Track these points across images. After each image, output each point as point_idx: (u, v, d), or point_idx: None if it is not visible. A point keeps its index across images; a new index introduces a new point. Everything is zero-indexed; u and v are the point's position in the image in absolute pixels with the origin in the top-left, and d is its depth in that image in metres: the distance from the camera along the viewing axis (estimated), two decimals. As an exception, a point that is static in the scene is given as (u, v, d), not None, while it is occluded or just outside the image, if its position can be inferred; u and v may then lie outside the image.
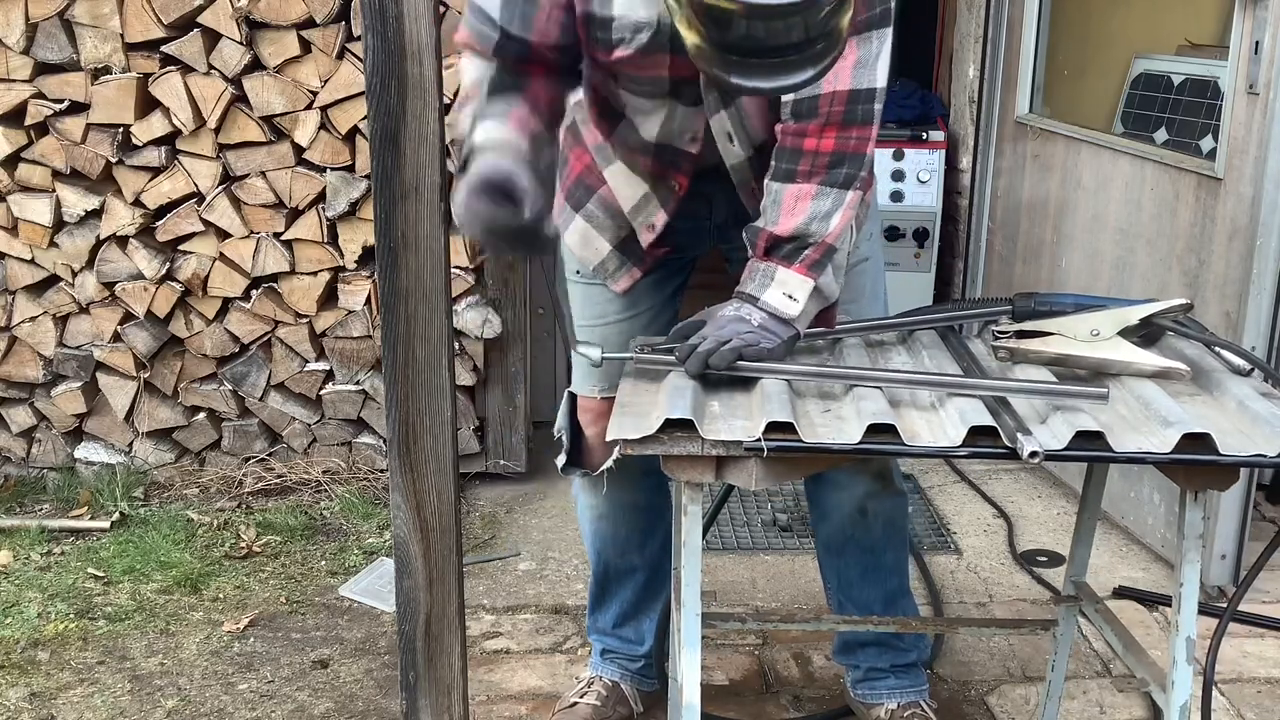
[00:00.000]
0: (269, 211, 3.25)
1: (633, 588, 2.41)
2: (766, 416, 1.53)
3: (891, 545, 2.33)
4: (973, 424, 1.52)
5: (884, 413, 1.55)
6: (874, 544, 2.30)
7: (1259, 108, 2.64)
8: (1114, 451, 1.50)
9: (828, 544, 2.35)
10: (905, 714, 2.34)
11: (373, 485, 3.39)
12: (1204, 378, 1.74)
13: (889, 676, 2.38)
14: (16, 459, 3.45)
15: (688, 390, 1.61)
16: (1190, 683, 1.70)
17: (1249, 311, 2.71)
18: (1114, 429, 1.53)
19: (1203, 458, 1.50)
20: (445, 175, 1.52)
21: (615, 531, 2.36)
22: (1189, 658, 1.68)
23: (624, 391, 1.69)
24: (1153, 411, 1.58)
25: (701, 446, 1.53)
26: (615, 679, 2.46)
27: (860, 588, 2.34)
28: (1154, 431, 1.53)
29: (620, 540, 2.37)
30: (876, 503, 2.25)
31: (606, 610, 2.46)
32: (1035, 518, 3.38)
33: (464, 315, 3.29)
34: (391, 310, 1.51)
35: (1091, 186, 3.31)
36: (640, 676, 2.47)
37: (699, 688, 1.70)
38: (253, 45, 3.14)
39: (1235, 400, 1.64)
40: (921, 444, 1.52)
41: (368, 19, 1.42)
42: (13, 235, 3.25)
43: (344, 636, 2.74)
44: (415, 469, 1.57)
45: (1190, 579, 1.65)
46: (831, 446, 1.52)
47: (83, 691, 2.52)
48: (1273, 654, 2.71)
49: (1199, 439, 1.50)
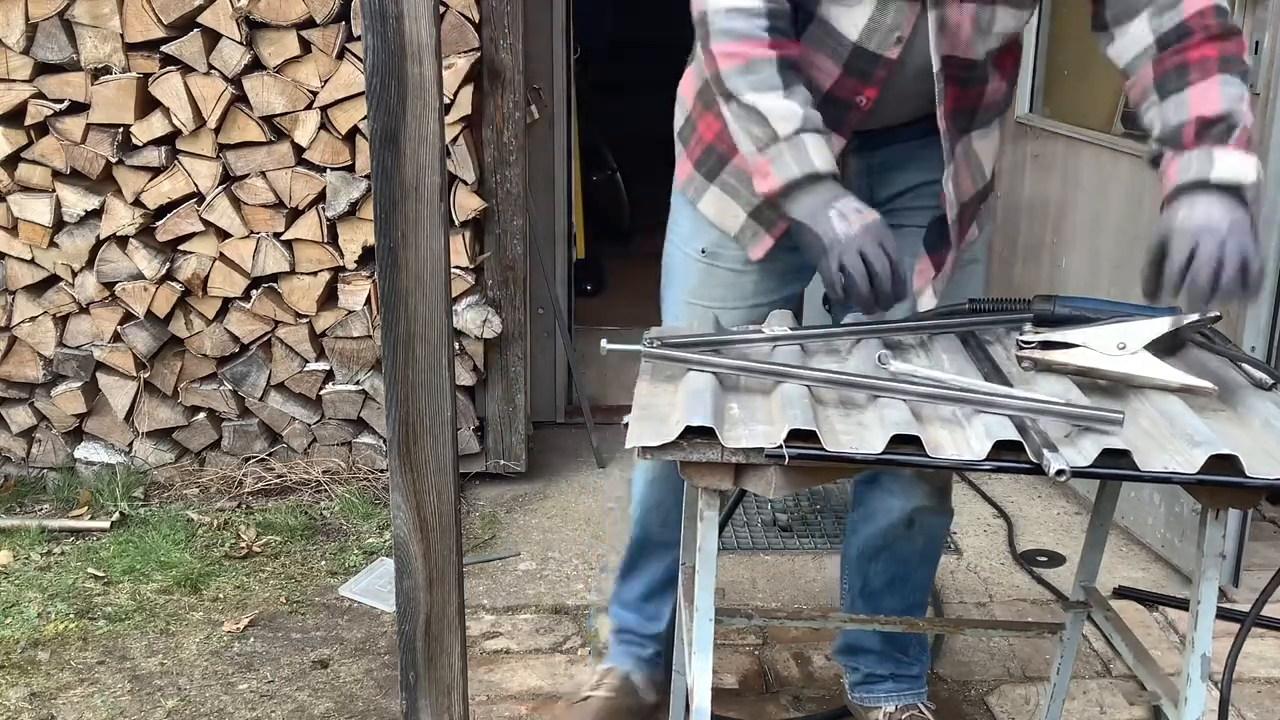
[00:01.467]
0: (269, 211, 3.25)
1: (666, 563, 2.36)
2: (789, 423, 1.49)
3: (925, 561, 2.32)
4: (998, 438, 1.48)
5: (908, 423, 1.51)
6: (909, 556, 2.28)
7: (1259, 108, 2.64)
8: (1140, 471, 1.47)
9: (863, 546, 2.31)
10: (903, 716, 2.34)
11: (373, 485, 3.40)
12: (1227, 394, 1.69)
13: (888, 680, 2.37)
14: (16, 459, 3.45)
15: (707, 393, 1.58)
16: (1203, 700, 1.66)
17: (1249, 312, 2.71)
18: (1140, 447, 1.49)
19: (1229, 479, 1.46)
20: (445, 175, 1.52)
21: (662, 500, 2.30)
22: (1204, 674, 1.65)
23: (641, 392, 1.66)
24: (1178, 429, 1.54)
25: (721, 454, 1.49)
26: (627, 669, 2.44)
27: (883, 596, 2.32)
28: (1180, 450, 1.49)
29: (665, 509, 2.30)
30: (925, 517, 2.23)
31: (635, 580, 2.42)
32: (1035, 518, 3.38)
33: (464, 315, 3.29)
34: (391, 310, 1.51)
35: (1091, 187, 3.31)
36: (650, 665, 2.45)
37: (710, 692, 1.67)
38: (253, 45, 3.14)
39: (1260, 419, 1.60)
40: (945, 456, 1.48)
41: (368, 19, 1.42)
42: (13, 235, 3.25)
43: (344, 636, 2.74)
44: (415, 469, 1.57)
45: (1208, 596, 1.61)
46: (855, 456, 1.48)
47: (83, 691, 2.52)
48: (1273, 654, 2.71)
49: (1225, 459, 1.46)
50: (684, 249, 2.15)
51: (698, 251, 2.12)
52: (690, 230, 2.14)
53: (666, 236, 2.22)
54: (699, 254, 2.12)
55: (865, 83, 1.89)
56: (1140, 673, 1.88)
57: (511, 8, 3.18)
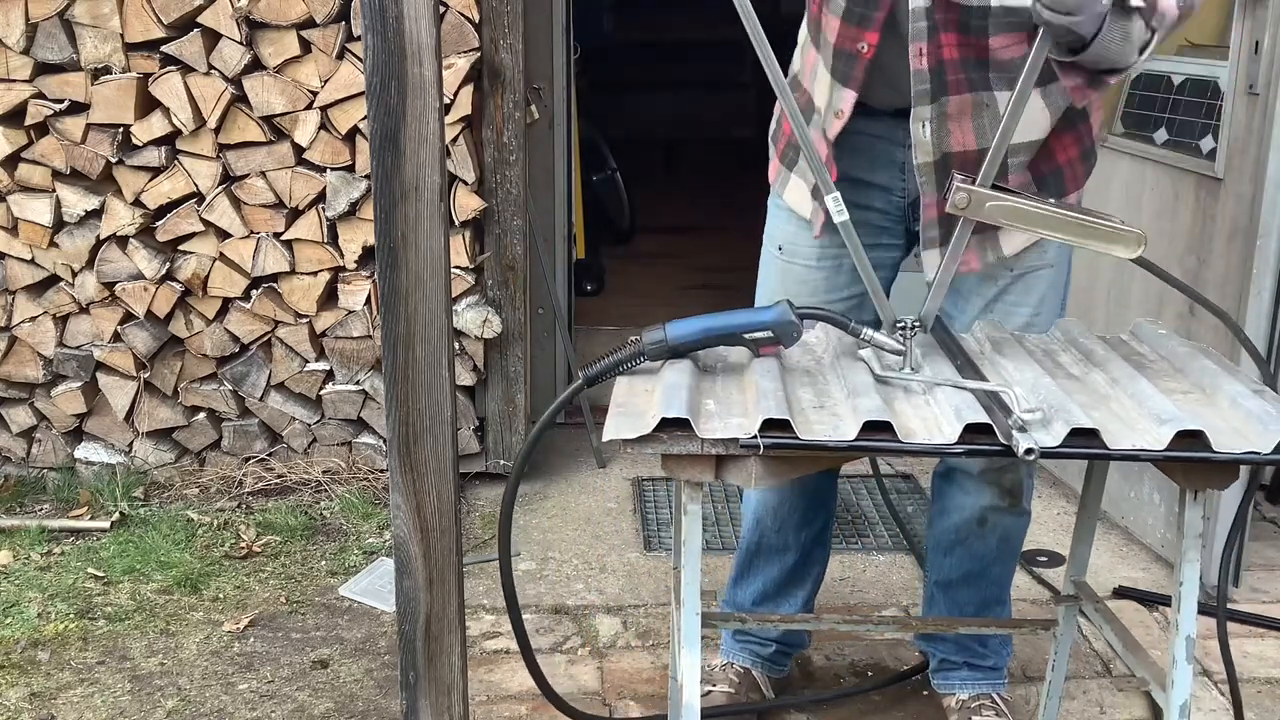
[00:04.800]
0: (269, 211, 3.25)
1: (780, 567, 2.39)
2: (761, 414, 1.52)
3: (1000, 559, 2.34)
4: (968, 421, 1.52)
5: (879, 409, 1.54)
6: (984, 553, 2.31)
7: (1259, 108, 2.64)
8: (1109, 449, 1.51)
9: (939, 539, 2.36)
10: (975, 704, 2.37)
11: (373, 485, 3.40)
12: (1198, 376, 1.74)
13: (962, 669, 2.41)
14: (16, 459, 3.45)
15: (683, 388, 1.61)
16: (1190, 682, 1.70)
17: (1249, 311, 2.71)
18: (1108, 427, 1.54)
19: (1196, 455, 1.51)
20: (445, 175, 1.52)
21: (779, 503, 2.33)
22: (1189, 657, 1.69)
23: (619, 392, 1.69)
24: (1147, 409, 1.59)
25: (700, 446, 1.52)
26: (747, 665, 2.45)
27: (958, 589, 2.37)
28: (1148, 429, 1.54)
29: (782, 514, 2.34)
30: (997, 516, 2.26)
31: (749, 585, 2.43)
32: (1035, 518, 3.35)
33: (464, 315, 3.29)
34: (391, 310, 1.51)
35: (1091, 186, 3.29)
36: (770, 663, 2.46)
37: (699, 688, 1.70)
38: (253, 45, 3.14)
39: (1228, 398, 1.64)
40: (917, 441, 1.52)
41: (368, 19, 1.42)
42: (13, 235, 3.25)
43: (344, 636, 2.74)
44: (415, 469, 1.57)
45: (1190, 578, 1.66)
46: (827, 444, 1.52)
47: (83, 691, 2.52)
48: (1273, 654, 2.71)
49: (1194, 436, 1.50)
50: (769, 247, 2.22)
51: (776, 249, 2.19)
52: (772, 228, 2.21)
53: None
54: (777, 251, 2.19)
55: (864, 28, 1.90)
56: (1129, 661, 1.92)
57: (511, 8, 3.18)
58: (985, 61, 1.88)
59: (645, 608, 2.89)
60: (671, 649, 2.04)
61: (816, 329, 1.90)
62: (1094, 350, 1.85)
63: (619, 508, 3.42)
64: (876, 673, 2.63)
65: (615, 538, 3.24)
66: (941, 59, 1.87)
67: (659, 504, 3.43)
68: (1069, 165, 2.06)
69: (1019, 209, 1.71)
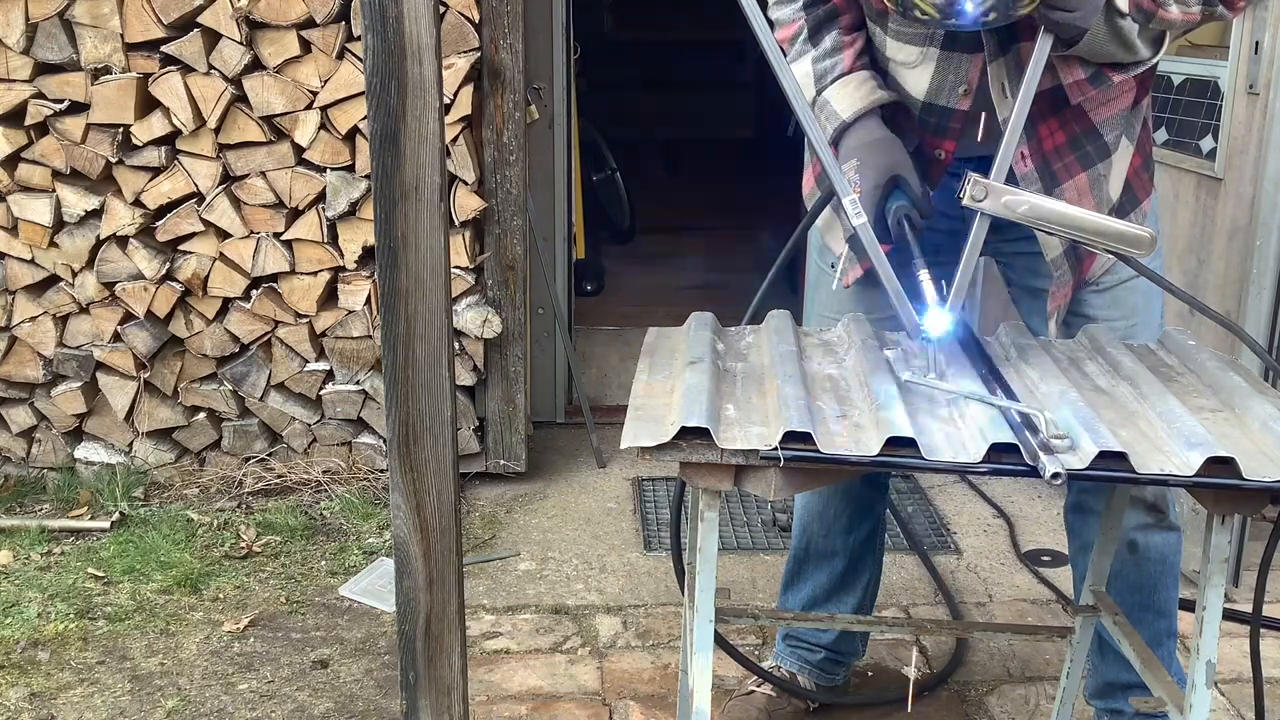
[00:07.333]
0: (269, 211, 3.25)
1: (829, 573, 2.36)
2: (784, 425, 1.49)
3: (1163, 584, 2.19)
4: (993, 441, 1.48)
5: (904, 425, 1.50)
6: (1144, 582, 2.17)
7: (1259, 108, 2.64)
8: (1137, 473, 1.46)
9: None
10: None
11: (373, 485, 3.40)
12: (1228, 394, 1.70)
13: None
14: (16, 459, 3.45)
15: (703, 391, 1.58)
16: (1208, 706, 1.66)
17: (1249, 311, 2.71)
18: (1136, 449, 1.49)
19: (1226, 481, 1.46)
20: (445, 175, 1.52)
21: (825, 509, 2.30)
22: (1209, 681, 1.65)
23: (638, 391, 1.67)
24: (1175, 430, 1.54)
25: (720, 455, 1.49)
26: (794, 670, 2.43)
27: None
28: (1177, 453, 1.49)
29: (828, 519, 2.30)
30: (1148, 537, 2.14)
31: (798, 590, 2.41)
32: (1035, 518, 3.38)
33: (464, 315, 3.29)
34: (391, 310, 1.51)
35: (1091, 186, 3.31)
36: (818, 670, 2.44)
37: (709, 692, 1.68)
38: (253, 45, 3.14)
39: (1259, 421, 1.59)
40: (941, 459, 1.48)
41: (368, 19, 1.42)
42: (13, 235, 3.25)
43: (344, 636, 2.74)
44: (415, 469, 1.56)
45: (1214, 603, 1.61)
46: (850, 459, 1.48)
47: (83, 691, 2.52)
48: (1273, 654, 2.71)
49: (1223, 462, 1.46)
50: (817, 259, 2.16)
51: (828, 265, 2.13)
52: (819, 242, 2.14)
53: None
54: (829, 267, 2.11)
55: (941, 136, 1.88)
56: (1147, 679, 1.87)
57: (511, 8, 3.18)
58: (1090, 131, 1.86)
59: (645, 608, 2.89)
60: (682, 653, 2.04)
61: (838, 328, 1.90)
62: (1122, 361, 1.80)
63: (619, 508, 3.42)
64: (877, 673, 2.63)
65: (615, 538, 3.24)
66: (1045, 154, 1.85)
67: (659, 504, 3.43)
68: (1134, 175, 2.00)
69: (1034, 205, 1.69)
